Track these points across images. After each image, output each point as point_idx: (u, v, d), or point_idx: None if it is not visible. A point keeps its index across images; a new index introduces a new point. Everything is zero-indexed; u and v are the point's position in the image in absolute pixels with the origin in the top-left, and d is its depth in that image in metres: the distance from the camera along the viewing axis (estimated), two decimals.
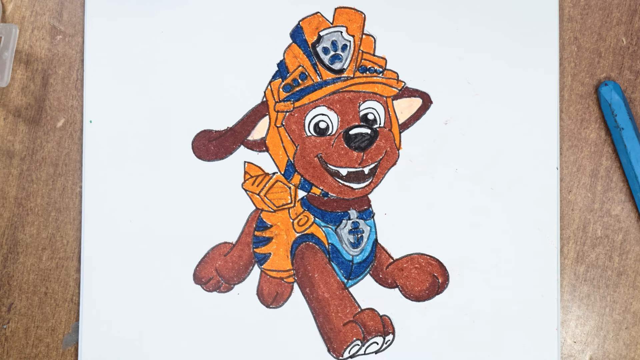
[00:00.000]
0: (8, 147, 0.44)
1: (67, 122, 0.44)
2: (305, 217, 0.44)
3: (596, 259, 0.45)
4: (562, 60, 0.45)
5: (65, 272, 0.44)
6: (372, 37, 0.44)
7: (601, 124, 0.45)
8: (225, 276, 0.43)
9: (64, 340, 0.43)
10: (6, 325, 0.43)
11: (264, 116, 0.44)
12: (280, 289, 0.43)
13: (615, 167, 0.45)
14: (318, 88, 0.44)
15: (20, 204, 0.44)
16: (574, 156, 0.45)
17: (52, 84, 0.44)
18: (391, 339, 0.43)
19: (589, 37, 0.45)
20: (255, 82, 0.44)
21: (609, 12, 0.45)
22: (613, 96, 0.44)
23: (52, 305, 0.43)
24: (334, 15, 0.44)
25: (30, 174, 0.44)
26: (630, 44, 0.45)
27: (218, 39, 0.44)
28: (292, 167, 0.44)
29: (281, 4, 0.44)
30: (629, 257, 0.45)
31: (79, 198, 0.44)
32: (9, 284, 0.43)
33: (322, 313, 0.43)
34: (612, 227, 0.45)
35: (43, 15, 0.44)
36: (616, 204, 0.45)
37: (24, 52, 0.44)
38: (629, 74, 0.45)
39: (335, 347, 0.43)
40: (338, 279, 0.44)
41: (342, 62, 0.44)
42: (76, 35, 0.44)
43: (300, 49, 0.44)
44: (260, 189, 0.44)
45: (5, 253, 0.44)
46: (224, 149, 0.44)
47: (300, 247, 0.44)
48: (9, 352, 0.43)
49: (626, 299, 0.45)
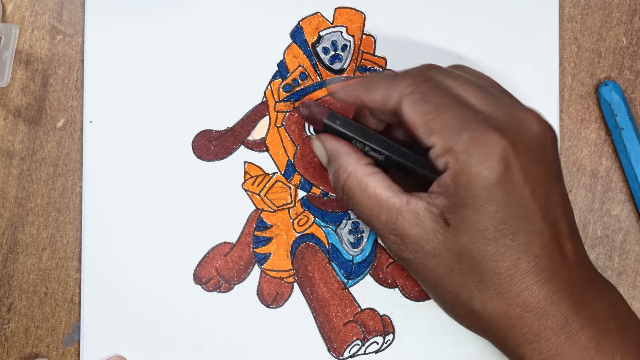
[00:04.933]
0: (8, 147, 0.44)
1: (67, 122, 0.44)
2: (305, 217, 0.44)
3: (596, 259, 0.45)
4: (562, 60, 0.45)
5: (65, 272, 0.44)
6: (372, 37, 0.44)
7: (601, 124, 0.45)
8: (225, 276, 0.43)
9: (64, 340, 0.43)
10: (6, 325, 0.43)
11: (264, 116, 0.44)
12: (280, 289, 0.43)
13: (615, 167, 0.45)
14: (318, 88, 0.44)
15: (20, 204, 0.44)
16: (574, 156, 0.45)
17: (52, 84, 0.44)
18: (391, 338, 0.44)
19: (589, 37, 0.45)
20: (255, 82, 0.44)
21: (609, 12, 0.45)
22: (613, 96, 0.44)
23: (52, 305, 0.43)
24: (334, 16, 0.44)
25: (30, 174, 0.44)
26: (630, 44, 0.45)
27: (218, 39, 0.44)
28: (292, 167, 0.44)
29: (281, 4, 0.44)
30: (629, 257, 0.45)
31: (79, 198, 0.44)
32: (9, 284, 0.43)
33: (322, 313, 0.43)
34: (612, 227, 0.45)
35: (43, 15, 0.44)
36: (616, 204, 0.45)
37: (24, 52, 0.44)
38: (629, 74, 0.45)
39: (335, 346, 0.43)
40: (338, 279, 0.44)
41: (342, 62, 0.44)
42: (76, 35, 0.44)
43: (300, 49, 0.44)
44: (260, 189, 0.44)
45: (5, 253, 0.44)
46: (224, 149, 0.44)
47: (300, 247, 0.44)
48: (9, 352, 0.43)
49: (626, 299, 0.44)
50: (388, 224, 0.36)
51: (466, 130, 0.34)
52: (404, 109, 0.35)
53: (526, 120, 0.35)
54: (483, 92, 0.36)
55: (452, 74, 0.37)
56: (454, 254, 0.35)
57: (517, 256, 0.34)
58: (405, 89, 0.36)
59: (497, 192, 0.33)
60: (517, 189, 0.34)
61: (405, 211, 0.36)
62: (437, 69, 0.37)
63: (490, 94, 0.36)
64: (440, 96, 0.35)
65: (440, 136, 0.34)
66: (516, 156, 0.34)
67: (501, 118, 0.35)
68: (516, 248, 0.34)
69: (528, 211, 0.34)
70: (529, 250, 0.34)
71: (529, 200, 0.34)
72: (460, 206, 0.34)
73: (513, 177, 0.34)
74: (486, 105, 0.35)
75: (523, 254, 0.34)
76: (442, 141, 0.34)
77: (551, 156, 0.35)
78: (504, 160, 0.33)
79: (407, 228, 0.36)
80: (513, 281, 0.34)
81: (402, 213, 0.36)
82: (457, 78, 0.36)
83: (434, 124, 0.34)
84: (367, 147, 0.38)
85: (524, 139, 0.34)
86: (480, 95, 0.36)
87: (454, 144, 0.34)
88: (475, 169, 0.33)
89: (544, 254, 0.34)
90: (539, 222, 0.34)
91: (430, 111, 0.35)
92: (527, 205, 0.34)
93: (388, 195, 0.36)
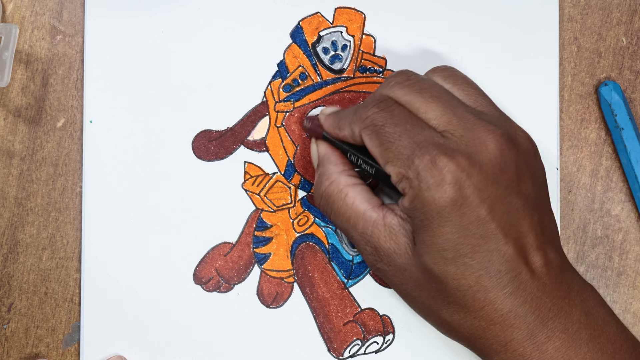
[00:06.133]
0: (8, 147, 0.44)
1: (67, 122, 0.44)
2: (305, 217, 0.44)
3: (596, 259, 0.45)
4: (562, 60, 0.45)
5: (65, 272, 0.44)
6: (372, 37, 0.44)
7: (601, 124, 0.45)
8: (225, 276, 0.43)
9: (64, 340, 0.43)
10: (6, 325, 0.43)
11: (264, 116, 0.44)
12: (280, 289, 0.43)
13: (615, 167, 0.45)
14: (318, 88, 0.44)
15: (20, 204, 0.44)
16: (574, 156, 0.45)
17: (52, 84, 0.44)
18: (391, 338, 0.44)
19: (589, 37, 0.45)
20: (255, 82, 0.44)
21: (609, 12, 0.45)
22: (613, 96, 0.44)
23: (52, 305, 0.43)
24: (334, 15, 0.44)
25: (30, 174, 0.44)
26: (630, 44, 0.45)
27: (218, 39, 0.44)
28: (292, 167, 0.44)
29: (281, 4, 0.44)
30: (629, 257, 0.45)
31: (79, 198, 0.44)
32: (9, 284, 0.43)
33: (322, 313, 0.43)
34: (612, 227, 0.45)
35: (43, 15, 0.44)
36: (616, 204, 0.45)
37: (24, 52, 0.44)
38: (629, 74, 0.45)
39: (335, 346, 0.43)
40: (338, 279, 0.44)
41: (342, 62, 0.44)
42: (76, 35, 0.44)
43: (300, 49, 0.44)
44: (260, 189, 0.44)
45: (5, 253, 0.44)
46: (224, 149, 0.44)
47: (300, 247, 0.44)
48: (9, 352, 0.43)
49: (626, 299, 0.45)
50: (364, 235, 0.37)
51: (417, 157, 0.35)
52: (365, 142, 0.37)
53: (483, 140, 0.35)
54: (446, 108, 0.36)
55: (417, 87, 0.37)
56: (421, 271, 0.36)
57: (478, 274, 0.35)
58: (363, 123, 0.37)
59: (451, 214, 0.34)
60: (472, 210, 0.34)
61: (381, 225, 0.37)
62: (402, 84, 0.37)
63: (453, 110, 0.36)
64: (394, 125, 0.36)
65: (394, 165, 0.36)
66: (468, 178, 0.34)
67: (458, 139, 0.35)
68: (476, 266, 0.34)
69: (486, 230, 0.34)
70: (489, 267, 0.34)
71: (486, 220, 0.34)
72: (420, 228, 0.35)
73: (467, 199, 0.34)
74: (446, 125, 0.36)
75: (484, 271, 0.34)
76: (396, 169, 0.36)
77: (514, 173, 0.35)
78: (455, 184, 0.34)
79: (382, 241, 0.37)
80: (476, 297, 0.35)
81: (377, 226, 0.37)
82: (422, 92, 0.37)
83: (387, 154, 0.36)
84: (360, 159, 0.39)
85: (479, 160, 0.35)
86: (441, 112, 0.36)
87: (405, 171, 0.35)
88: (426, 194, 0.34)
89: (506, 270, 0.35)
90: (499, 239, 0.34)
91: (383, 142, 0.36)
92: (485, 225, 0.34)
93: (365, 208, 0.38)
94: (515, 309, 0.35)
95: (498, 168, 0.35)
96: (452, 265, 0.35)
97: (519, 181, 0.36)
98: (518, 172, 0.36)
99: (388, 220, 0.37)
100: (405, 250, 0.36)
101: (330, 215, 0.39)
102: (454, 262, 0.35)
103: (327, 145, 0.40)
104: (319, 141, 0.41)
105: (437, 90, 0.37)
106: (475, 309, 0.35)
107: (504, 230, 0.35)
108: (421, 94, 0.37)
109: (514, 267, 0.35)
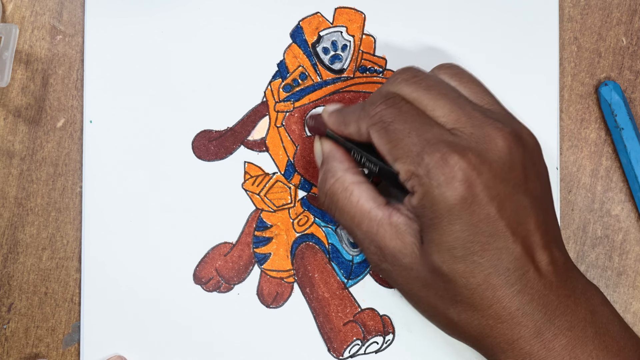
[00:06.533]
0: (8, 147, 0.44)
1: (67, 122, 0.44)
2: (305, 217, 0.44)
3: (596, 259, 0.45)
4: (562, 60, 0.45)
5: (65, 272, 0.44)
6: (372, 37, 0.44)
7: (601, 124, 0.45)
8: (225, 276, 0.43)
9: (64, 340, 0.43)
10: (6, 325, 0.43)
11: (264, 116, 0.44)
12: (280, 289, 0.43)
13: (615, 167, 0.45)
14: (318, 88, 0.44)
15: (20, 204, 0.44)
16: (574, 156, 0.45)
17: (52, 84, 0.44)
18: (391, 338, 0.44)
19: (589, 37, 0.45)
20: (255, 82, 0.44)
21: (609, 12, 0.45)
22: (613, 96, 0.44)
23: (52, 305, 0.43)
24: (334, 15, 0.44)
25: (30, 174, 0.44)
26: (630, 44, 0.45)
27: (218, 39, 0.44)
28: (292, 167, 0.44)
29: (281, 4, 0.44)
30: (629, 257, 0.45)
31: (79, 198, 0.44)
32: (9, 284, 0.43)
33: (322, 313, 0.43)
34: (612, 227, 0.45)
35: (43, 15, 0.44)
36: (616, 204, 0.45)
37: (24, 52, 0.44)
38: (629, 74, 0.45)
39: (335, 346, 0.43)
40: (338, 279, 0.44)
41: (342, 62, 0.44)
42: (76, 35, 0.44)
43: (300, 49, 0.44)
44: (260, 189, 0.44)
45: (5, 253, 0.44)
46: (224, 149, 0.44)
47: (300, 247, 0.44)
48: (9, 352, 0.43)
49: (626, 299, 0.45)
50: (369, 234, 0.37)
51: (427, 154, 0.34)
52: (373, 139, 0.37)
53: (493, 138, 0.35)
54: (454, 105, 0.36)
55: (424, 84, 0.37)
56: (429, 270, 0.36)
57: (487, 272, 0.35)
58: (370, 119, 0.37)
59: (461, 212, 0.34)
60: (482, 208, 0.34)
61: (387, 224, 0.37)
62: (409, 81, 0.37)
63: (461, 108, 0.36)
64: (403, 122, 0.36)
65: (404, 162, 0.35)
66: (478, 176, 0.34)
67: (467, 136, 0.35)
68: (485, 264, 0.34)
69: (496, 228, 0.34)
70: (498, 265, 0.34)
71: (496, 218, 0.34)
72: (429, 227, 0.35)
73: (477, 197, 0.34)
74: (454, 122, 0.36)
75: (493, 270, 0.34)
76: (406, 167, 0.35)
77: (521, 171, 0.35)
78: (466, 181, 0.34)
79: (387, 240, 0.36)
80: (484, 295, 0.35)
81: (383, 225, 0.37)
82: (430, 89, 0.37)
83: (397, 151, 0.36)
84: (364, 157, 0.39)
85: (488, 157, 0.35)
86: (450, 110, 0.36)
87: (415, 168, 0.35)
88: (437, 191, 0.34)
89: (514, 268, 0.35)
90: (508, 237, 0.34)
91: (392, 139, 0.36)
92: (494, 223, 0.34)
93: (371, 206, 0.37)
94: (522, 306, 0.35)
95: (507, 166, 0.35)
96: (462, 264, 0.35)
97: (526, 179, 0.36)
98: (525, 170, 0.36)
99: (394, 219, 0.36)
100: (411, 250, 0.36)
101: (335, 213, 0.39)
102: (463, 260, 0.34)
103: (332, 142, 0.40)
104: (323, 139, 0.41)
105: (444, 87, 0.37)
106: (483, 307, 0.35)
107: (512, 228, 0.35)
108: (429, 91, 0.36)
109: (521, 265, 0.35)
